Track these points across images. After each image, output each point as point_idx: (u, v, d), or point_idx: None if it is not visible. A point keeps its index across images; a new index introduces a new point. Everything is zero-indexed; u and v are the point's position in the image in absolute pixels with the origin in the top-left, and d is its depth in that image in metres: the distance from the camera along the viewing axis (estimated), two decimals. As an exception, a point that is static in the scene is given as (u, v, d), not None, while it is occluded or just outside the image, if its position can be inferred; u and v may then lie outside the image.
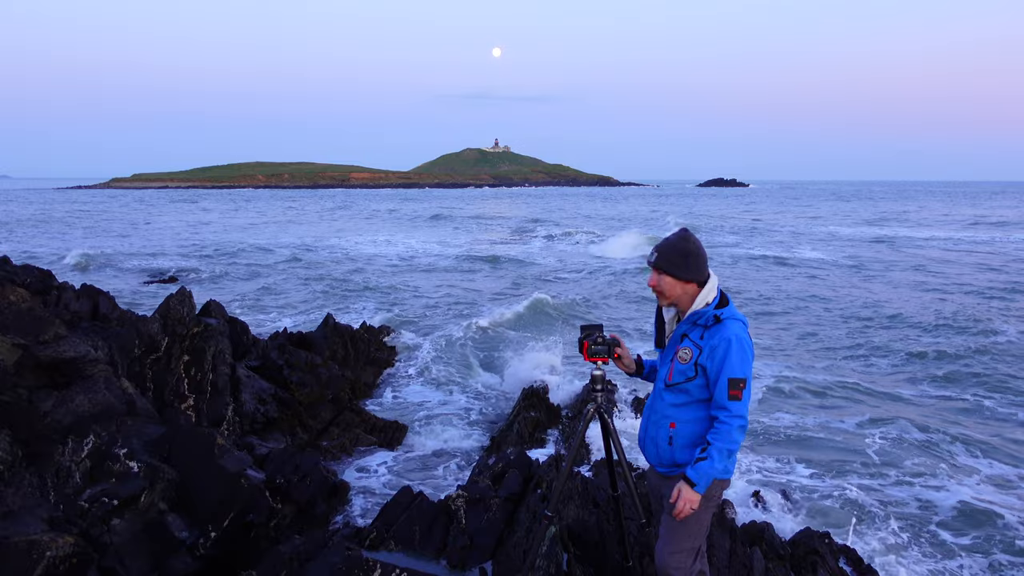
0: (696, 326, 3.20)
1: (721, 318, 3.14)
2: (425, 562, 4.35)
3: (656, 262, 3.21)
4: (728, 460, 3.09)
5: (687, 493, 3.10)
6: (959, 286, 21.02)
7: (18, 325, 5.39)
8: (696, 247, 3.21)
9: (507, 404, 9.76)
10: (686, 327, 3.23)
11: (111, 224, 48.03)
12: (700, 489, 3.10)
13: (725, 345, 3.07)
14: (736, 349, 3.06)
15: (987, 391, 10.58)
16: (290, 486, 5.45)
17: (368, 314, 16.08)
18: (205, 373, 6.80)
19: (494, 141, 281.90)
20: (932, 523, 6.57)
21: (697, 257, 3.19)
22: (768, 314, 16.96)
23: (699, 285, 3.19)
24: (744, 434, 3.10)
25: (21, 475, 4.54)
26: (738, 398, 3.04)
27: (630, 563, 4.03)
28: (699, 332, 3.18)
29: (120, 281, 21.51)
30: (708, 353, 3.12)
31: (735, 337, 3.08)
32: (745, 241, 37.00)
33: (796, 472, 7.70)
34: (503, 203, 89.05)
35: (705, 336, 3.15)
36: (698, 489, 3.10)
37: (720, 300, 3.20)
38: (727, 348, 3.07)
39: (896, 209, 71.71)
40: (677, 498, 3.12)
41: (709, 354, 3.11)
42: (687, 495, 3.10)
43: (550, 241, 37.34)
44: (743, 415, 3.05)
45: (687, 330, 3.23)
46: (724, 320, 3.13)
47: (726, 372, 3.06)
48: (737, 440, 3.06)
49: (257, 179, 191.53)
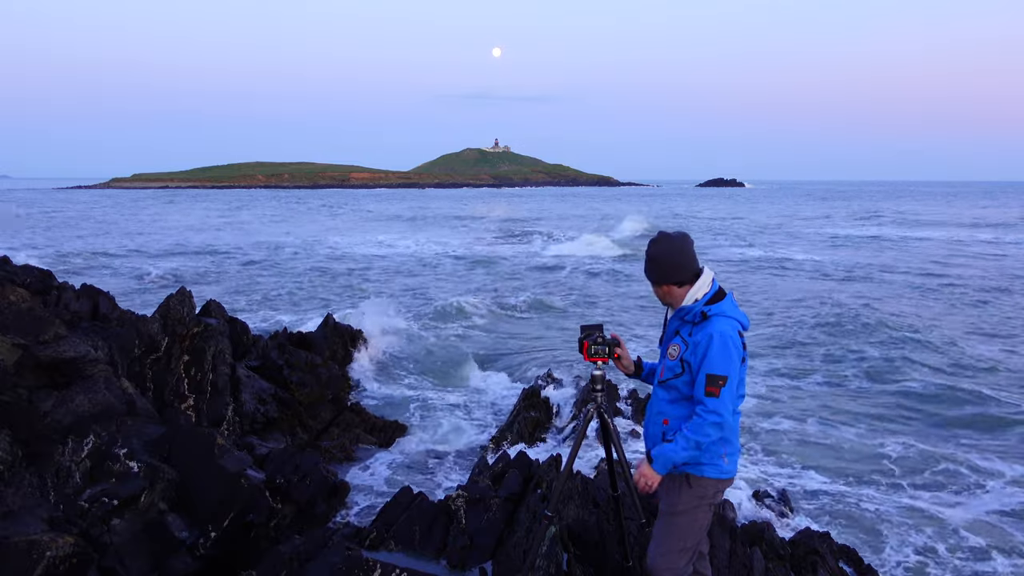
0: (685, 322, 3.21)
1: (708, 314, 3.13)
2: (425, 562, 4.35)
3: (658, 280, 3.23)
4: (694, 451, 3.07)
5: (644, 468, 3.16)
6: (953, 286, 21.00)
7: (18, 325, 5.39)
8: (680, 248, 3.20)
9: (507, 404, 9.76)
10: (676, 323, 3.25)
11: (127, 224, 48.34)
12: (658, 468, 3.12)
13: (707, 341, 3.07)
14: (718, 345, 3.05)
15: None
16: (290, 486, 5.45)
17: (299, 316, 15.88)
18: (205, 373, 6.80)
19: (494, 141, 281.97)
20: (945, 529, 6.57)
21: (684, 256, 3.19)
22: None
23: (692, 282, 3.20)
24: (719, 431, 3.04)
25: (21, 475, 4.54)
26: (715, 395, 3.02)
27: (630, 563, 4.03)
28: (688, 328, 3.19)
29: (120, 281, 21.51)
30: (692, 349, 3.12)
31: (718, 333, 3.06)
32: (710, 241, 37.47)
33: (797, 473, 7.71)
34: (490, 204, 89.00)
35: (693, 332, 3.15)
36: (656, 467, 3.12)
37: (715, 294, 3.19)
38: (708, 344, 3.06)
39: (868, 208, 72.29)
40: (641, 481, 3.18)
41: (693, 350, 3.12)
42: (644, 470, 3.16)
43: (525, 242, 37.40)
44: (719, 412, 3.02)
45: (678, 326, 3.25)
46: (711, 316, 3.12)
47: (705, 368, 3.05)
48: (709, 434, 3.04)
49: (257, 179, 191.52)
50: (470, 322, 14.71)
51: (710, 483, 3.20)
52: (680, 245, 3.20)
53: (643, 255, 3.36)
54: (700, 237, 39.40)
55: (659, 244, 3.23)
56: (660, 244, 3.23)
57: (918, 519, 6.63)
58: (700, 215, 62.89)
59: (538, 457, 6.18)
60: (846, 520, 6.61)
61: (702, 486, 3.19)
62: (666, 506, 3.28)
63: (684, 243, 3.21)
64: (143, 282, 21.61)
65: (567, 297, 19.22)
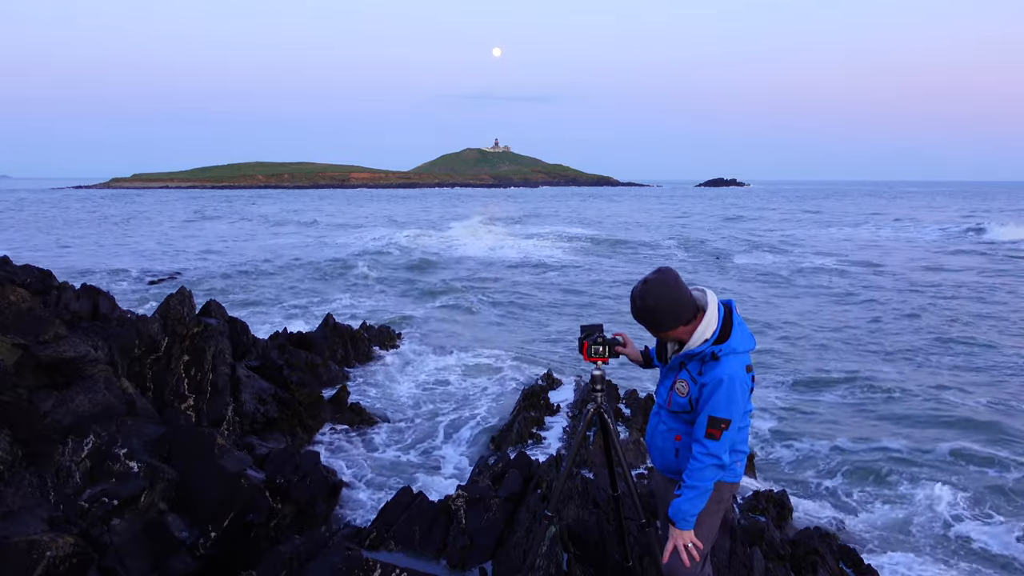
0: (694, 359, 3.11)
1: (719, 355, 3.02)
2: (425, 562, 4.35)
3: (664, 329, 3.08)
4: (702, 499, 3.04)
5: (676, 537, 3.07)
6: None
7: (18, 325, 5.39)
8: (674, 286, 3.03)
9: (507, 404, 9.76)
10: (685, 357, 3.14)
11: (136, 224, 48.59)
12: (685, 526, 3.06)
13: (715, 384, 2.99)
14: (724, 390, 2.97)
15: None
16: (290, 486, 5.45)
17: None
18: (205, 373, 6.80)
19: (494, 141, 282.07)
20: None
21: (680, 293, 3.03)
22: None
23: (697, 317, 3.07)
24: (718, 472, 3.01)
25: (21, 475, 4.54)
26: (715, 437, 2.97)
27: (630, 563, 4.03)
28: (697, 366, 3.10)
29: (121, 280, 21.51)
30: (699, 389, 3.06)
31: (727, 378, 2.98)
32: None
33: (799, 475, 7.71)
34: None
35: (703, 371, 3.07)
36: (683, 527, 3.06)
37: (722, 330, 3.05)
38: (715, 388, 2.99)
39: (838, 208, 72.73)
40: (672, 550, 3.07)
41: (700, 391, 3.06)
42: (677, 538, 3.07)
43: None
44: (718, 455, 2.97)
45: (686, 360, 3.14)
46: (721, 358, 3.02)
47: (708, 410, 2.99)
48: (710, 479, 3.00)
49: (257, 179, 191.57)
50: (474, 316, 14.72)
51: (725, 487, 3.20)
52: (674, 284, 3.03)
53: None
54: (700, 239, 39.62)
55: (650, 292, 3.02)
56: (652, 292, 3.02)
57: (918, 519, 6.64)
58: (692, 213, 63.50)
59: (538, 457, 6.19)
60: (846, 521, 6.62)
61: (719, 491, 3.18)
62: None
63: (675, 281, 3.05)
64: (147, 282, 21.61)
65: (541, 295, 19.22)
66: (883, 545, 6.21)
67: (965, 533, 6.40)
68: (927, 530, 6.48)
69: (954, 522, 6.60)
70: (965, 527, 6.51)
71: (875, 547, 6.16)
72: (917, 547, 6.19)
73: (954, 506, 6.85)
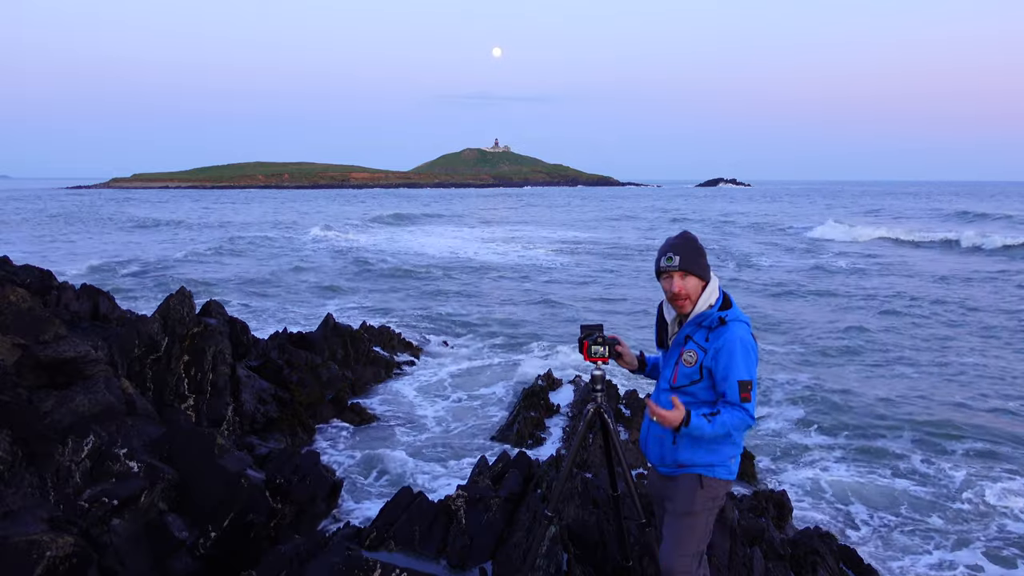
0: (700, 328, 3.18)
1: (726, 320, 3.13)
2: (425, 562, 4.35)
3: (681, 265, 3.16)
4: (719, 436, 3.05)
5: (667, 414, 2.99)
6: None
7: (18, 325, 5.39)
8: (701, 245, 3.26)
9: (507, 404, 9.76)
10: (690, 329, 3.21)
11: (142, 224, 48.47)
12: (678, 418, 2.98)
13: (730, 347, 3.07)
14: (741, 352, 3.06)
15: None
16: (290, 486, 5.45)
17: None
18: (205, 373, 6.80)
19: (494, 141, 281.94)
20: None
21: (706, 254, 3.25)
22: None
23: (706, 284, 3.22)
24: (745, 432, 3.15)
25: (21, 475, 4.53)
26: (748, 399, 3.06)
27: (630, 563, 4.03)
28: (704, 334, 3.16)
29: (122, 280, 21.50)
30: (713, 355, 3.11)
31: (740, 340, 3.07)
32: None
33: (799, 476, 7.71)
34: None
35: (710, 338, 3.13)
36: (674, 417, 2.98)
37: (724, 301, 3.21)
38: (732, 351, 3.06)
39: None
40: (658, 410, 3.00)
41: (714, 356, 3.11)
42: (665, 413, 2.99)
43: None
44: (753, 416, 3.10)
45: (691, 332, 3.21)
46: (729, 322, 3.12)
47: (734, 374, 3.06)
48: (739, 429, 3.07)
49: (257, 179, 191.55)
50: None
51: (721, 484, 3.21)
52: (700, 244, 3.26)
53: None
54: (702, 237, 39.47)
55: (686, 236, 3.26)
56: (687, 236, 3.26)
57: (919, 519, 6.64)
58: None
59: (538, 457, 6.19)
60: (846, 520, 6.62)
61: (714, 487, 3.20)
62: (680, 508, 3.25)
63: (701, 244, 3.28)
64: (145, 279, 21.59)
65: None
66: (883, 545, 6.20)
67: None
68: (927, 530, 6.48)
69: (954, 522, 6.60)
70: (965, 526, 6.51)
71: (875, 547, 6.16)
72: (917, 547, 6.19)
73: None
